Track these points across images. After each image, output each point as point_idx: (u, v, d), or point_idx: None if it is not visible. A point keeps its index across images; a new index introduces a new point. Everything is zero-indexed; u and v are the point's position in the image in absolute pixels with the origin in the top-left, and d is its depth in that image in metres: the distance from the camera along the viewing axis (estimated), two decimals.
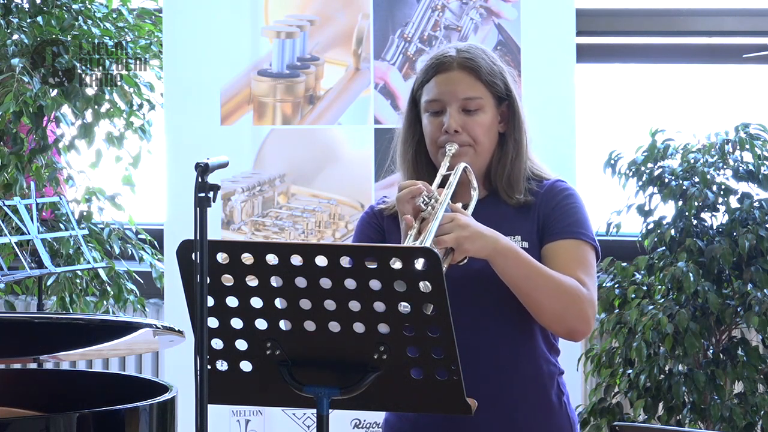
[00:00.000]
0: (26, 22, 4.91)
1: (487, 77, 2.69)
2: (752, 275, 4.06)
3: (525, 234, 2.67)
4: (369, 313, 2.24)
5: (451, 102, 2.67)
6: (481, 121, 2.68)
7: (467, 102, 2.68)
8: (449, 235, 2.48)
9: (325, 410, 2.32)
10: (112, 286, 5.03)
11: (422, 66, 2.76)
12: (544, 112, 4.28)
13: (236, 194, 4.37)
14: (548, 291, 2.57)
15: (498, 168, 2.71)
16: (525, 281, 2.56)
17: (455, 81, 2.68)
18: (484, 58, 2.71)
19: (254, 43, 4.39)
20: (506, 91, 2.72)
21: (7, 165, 4.98)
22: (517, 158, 2.71)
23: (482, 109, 2.69)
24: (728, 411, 4.03)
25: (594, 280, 2.65)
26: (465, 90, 2.68)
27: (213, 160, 2.20)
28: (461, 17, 4.32)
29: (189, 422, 2.29)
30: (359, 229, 2.79)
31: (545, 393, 2.70)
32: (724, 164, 4.18)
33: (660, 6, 5.06)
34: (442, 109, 2.68)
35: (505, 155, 2.71)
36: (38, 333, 3.16)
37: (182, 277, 2.31)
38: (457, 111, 2.67)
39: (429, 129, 2.70)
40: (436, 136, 2.68)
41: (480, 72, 2.69)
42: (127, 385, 3.09)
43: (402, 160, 2.77)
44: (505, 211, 2.69)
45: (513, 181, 2.70)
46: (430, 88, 2.70)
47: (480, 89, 2.69)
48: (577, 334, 2.65)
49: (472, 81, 2.69)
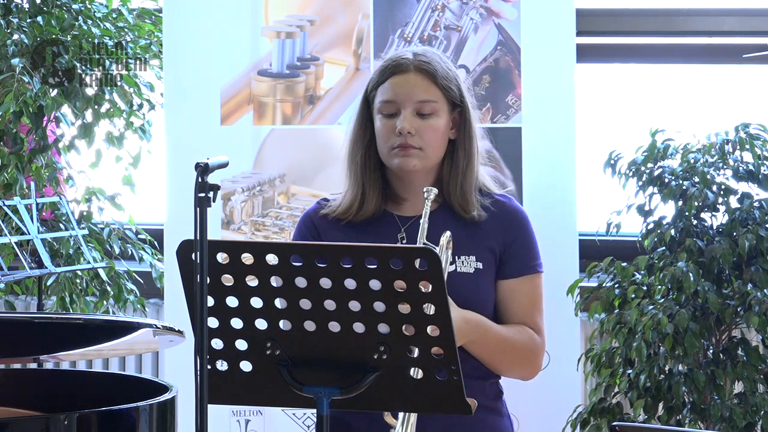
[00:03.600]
0: (26, 22, 4.91)
1: (443, 82, 2.71)
2: (752, 275, 4.06)
3: (479, 254, 2.72)
4: (369, 313, 2.25)
5: (405, 104, 2.69)
6: (435, 125, 2.70)
7: (422, 105, 2.70)
8: None
9: (325, 410, 2.32)
10: (112, 286, 5.02)
11: (377, 67, 2.77)
12: (544, 112, 4.29)
13: (236, 194, 4.37)
14: (510, 358, 2.74)
15: (450, 180, 2.73)
16: (490, 355, 2.71)
17: (411, 83, 2.70)
18: (440, 63, 2.74)
19: (254, 43, 4.39)
20: (460, 98, 2.73)
21: (7, 165, 4.98)
22: (468, 168, 2.74)
23: (436, 113, 2.71)
24: (728, 411, 4.03)
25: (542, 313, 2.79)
26: (420, 93, 2.70)
27: (213, 160, 2.21)
28: (461, 17, 4.32)
29: (189, 422, 2.29)
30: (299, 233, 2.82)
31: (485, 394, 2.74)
32: (724, 164, 4.17)
33: (660, 6, 5.06)
34: (396, 111, 2.70)
35: (456, 164, 2.74)
36: (38, 333, 3.16)
37: (182, 277, 2.31)
38: (412, 113, 2.69)
39: (382, 131, 2.71)
40: (389, 137, 2.70)
41: (436, 76, 2.71)
42: (127, 385, 3.09)
43: (351, 160, 2.79)
44: (458, 226, 2.71)
45: (467, 194, 2.73)
46: (385, 90, 2.71)
47: (435, 93, 2.71)
48: (529, 378, 2.83)
49: (427, 84, 2.71)
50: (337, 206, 2.78)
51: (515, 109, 4.27)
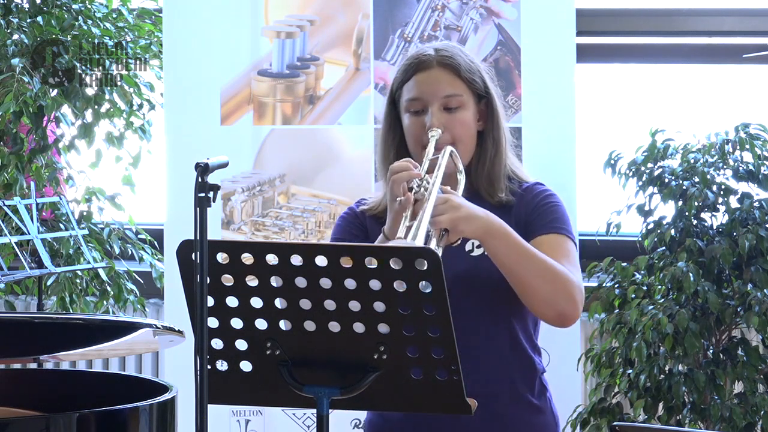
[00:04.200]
0: (26, 22, 4.91)
1: (467, 74, 2.70)
2: (752, 275, 4.06)
3: None
4: (369, 313, 2.25)
5: (432, 100, 2.68)
6: (463, 118, 2.69)
7: (448, 100, 2.69)
8: (444, 216, 2.48)
9: (325, 410, 2.32)
10: (112, 286, 5.02)
11: (401, 66, 2.76)
12: (544, 112, 4.29)
13: (236, 194, 4.37)
14: (539, 273, 2.57)
15: (478, 166, 2.72)
16: (516, 262, 2.57)
17: (435, 79, 2.69)
18: (462, 56, 2.73)
19: (254, 43, 4.39)
20: (485, 89, 2.73)
21: (7, 165, 4.98)
22: (496, 156, 2.72)
23: (463, 107, 2.70)
24: (728, 411, 4.03)
25: (578, 269, 2.66)
26: (446, 88, 2.69)
27: (213, 160, 2.20)
28: (461, 17, 4.32)
29: (189, 422, 2.29)
30: (341, 228, 2.78)
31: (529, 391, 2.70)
32: (724, 164, 4.17)
33: (660, 6, 5.06)
34: (423, 108, 2.69)
35: (484, 153, 2.72)
36: (38, 333, 3.16)
37: (182, 277, 2.30)
38: (439, 109, 2.68)
39: (411, 129, 2.71)
40: (419, 135, 2.69)
41: (459, 69, 2.70)
42: (127, 385, 3.09)
43: (383, 161, 2.77)
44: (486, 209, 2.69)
45: (494, 179, 2.71)
46: (410, 87, 2.71)
47: (460, 86, 2.70)
48: (567, 318, 2.63)
49: (452, 78, 2.70)
50: (376, 204, 2.77)
51: (515, 109, 4.27)
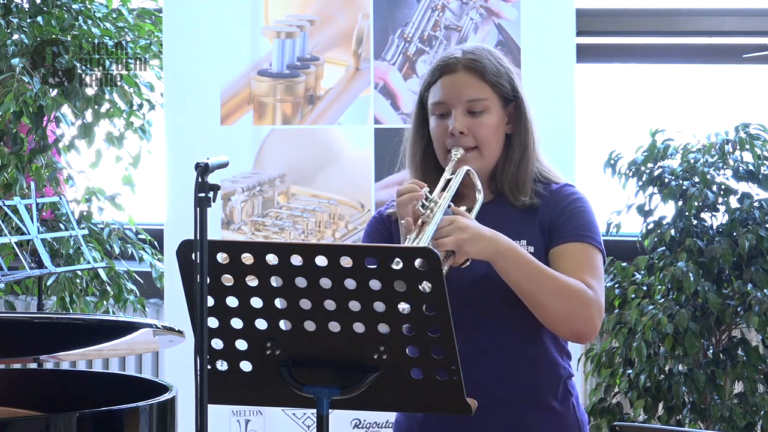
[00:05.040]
0: (26, 22, 4.91)
1: (493, 78, 2.68)
2: (752, 275, 4.07)
3: (531, 238, 2.65)
4: (369, 313, 2.24)
5: (455, 104, 2.67)
6: (487, 122, 2.67)
7: (472, 104, 2.67)
8: (449, 238, 2.47)
9: (325, 410, 2.32)
10: (112, 286, 5.03)
11: (429, 68, 2.76)
12: (544, 112, 4.26)
13: (236, 194, 4.37)
14: (553, 293, 2.54)
15: (504, 169, 2.70)
16: (528, 283, 2.54)
17: (460, 83, 2.68)
18: (490, 59, 2.71)
19: (254, 43, 4.39)
20: (513, 92, 2.71)
21: (7, 165, 4.98)
22: (522, 159, 2.70)
23: (488, 111, 2.68)
24: (728, 411, 4.03)
25: (601, 283, 2.62)
26: (470, 92, 2.67)
27: (213, 160, 2.20)
28: (461, 17, 4.32)
29: (189, 422, 2.29)
30: (367, 234, 2.78)
31: (552, 395, 2.69)
32: (724, 164, 4.18)
33: (660, 6, 5.06)
34: (447, 112, 2.68)
35: (510, 156, 2.70)
36: (38, 333, 3.16)
37: (182, 277, 2.30)
38: (462, 113, 2.66)
39: (435, 132, 2.70)
40: (442, 138, 2.68)
41: (485, 73, 2.68)
42: (127, 385, 3.09)
43: (411, 161, 2.77)
44: (511, 214, 2.68)
45: (519, 183, 2.69)
46: (436, 90, 2.70)
47: (485, 90, 2.68)
48: (583, 337, 2.61)
49: (476, 82, 2.68)
50: None
51: None
